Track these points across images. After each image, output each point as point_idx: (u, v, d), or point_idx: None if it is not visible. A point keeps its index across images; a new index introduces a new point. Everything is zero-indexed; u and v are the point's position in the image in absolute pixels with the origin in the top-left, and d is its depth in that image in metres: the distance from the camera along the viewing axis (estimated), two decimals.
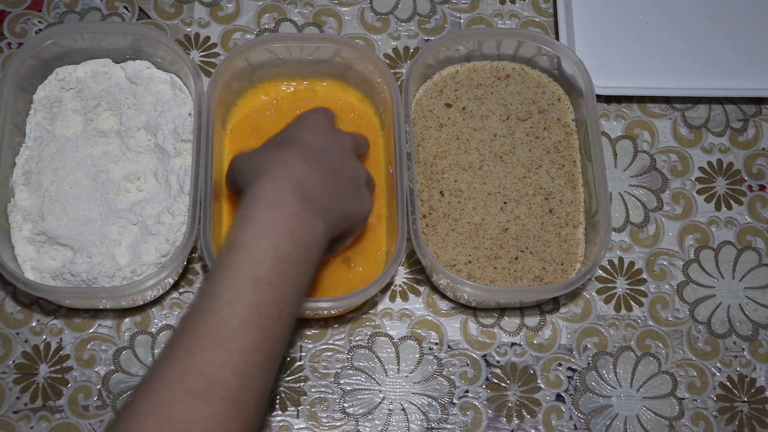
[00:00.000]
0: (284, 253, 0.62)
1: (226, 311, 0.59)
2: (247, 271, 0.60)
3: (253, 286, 0.60)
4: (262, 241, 0.61)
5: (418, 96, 0.86)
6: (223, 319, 0.58)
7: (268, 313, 0.60)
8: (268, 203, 0.63)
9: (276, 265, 0.61)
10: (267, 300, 0.60)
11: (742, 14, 0.92)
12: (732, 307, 0.83)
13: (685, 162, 0.88)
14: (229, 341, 0.58)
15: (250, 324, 0.59)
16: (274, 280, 0.61)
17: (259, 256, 0.61)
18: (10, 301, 0.80)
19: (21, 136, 0.80)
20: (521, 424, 0.78)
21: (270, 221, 0.62)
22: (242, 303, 0.59)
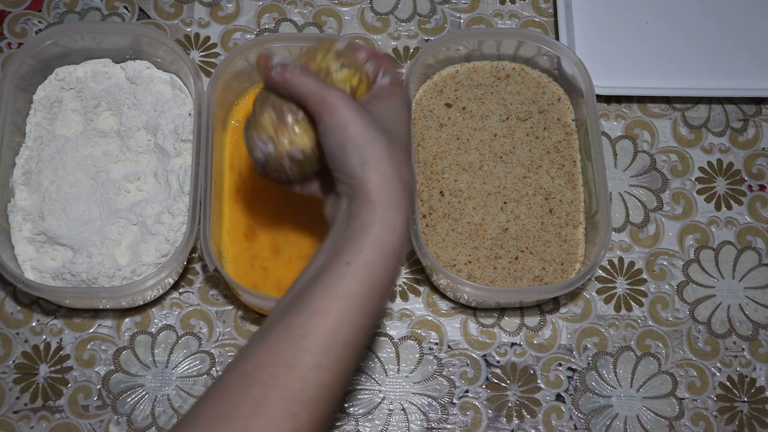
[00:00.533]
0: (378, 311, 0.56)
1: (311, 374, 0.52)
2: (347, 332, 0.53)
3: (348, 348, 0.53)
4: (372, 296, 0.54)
5: (418, 96, 0.86)
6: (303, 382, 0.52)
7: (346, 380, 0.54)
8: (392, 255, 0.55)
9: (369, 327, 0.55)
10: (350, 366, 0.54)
11: (742, 14, 0.93)
12: (732, 307, 0.83)
13: (685, 162, 0.88)
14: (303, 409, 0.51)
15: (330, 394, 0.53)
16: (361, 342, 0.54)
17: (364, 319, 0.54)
18: (10, 301, 0.80)
19: (21, 136, 0.80)
20: (521, 424, 0.78)
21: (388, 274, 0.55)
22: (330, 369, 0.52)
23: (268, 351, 0.53)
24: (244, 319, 0.80)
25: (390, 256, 0.56)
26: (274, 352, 0.53)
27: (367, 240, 0.55)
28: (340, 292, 0.54)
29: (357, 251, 0.55)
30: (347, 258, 0.55)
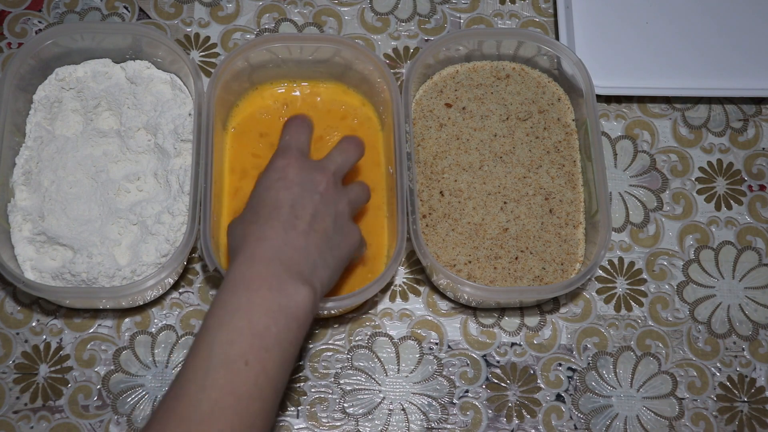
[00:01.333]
0: (261, 329, 0.58)
1: (197, 396, 0.55)
2: (218, 351, 0.57)
3: (225, 366, 0.56)
4: (234, 319, 0.58)
5: (418, 96, 0.86)
6: (193, 405, 0.55)
7: (246, 394, 0.56)
8: (240, 285, 0.60)
9: (252, 341, 0.58)
10: (243, 380, 0.56)
11: (742, 14, 0.92)
12: (732, 307, 0.83)
13: (685, 162, 0.88)
14: (198, 427, 0.54)
15: (224, 407, 0.55)
16: (251, 358, 0.57)
17: (232, 334, 0.58)
18: (10, 301, 0.80)
19: (21, 136, 0.80)
20: (521, 424, 0.78)
21: (242, 301, 0.59)
22: (213, 386, 0.56)
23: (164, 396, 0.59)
24: None
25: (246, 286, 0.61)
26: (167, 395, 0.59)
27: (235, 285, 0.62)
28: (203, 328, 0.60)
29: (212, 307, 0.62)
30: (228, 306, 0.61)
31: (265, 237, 0.63)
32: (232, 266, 0.62)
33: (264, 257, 0.62)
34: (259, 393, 0.57)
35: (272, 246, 0.62)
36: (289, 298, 0.61)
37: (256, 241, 0.63)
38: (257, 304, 0.59)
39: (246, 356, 0.57)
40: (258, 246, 0.62)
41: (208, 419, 0.55)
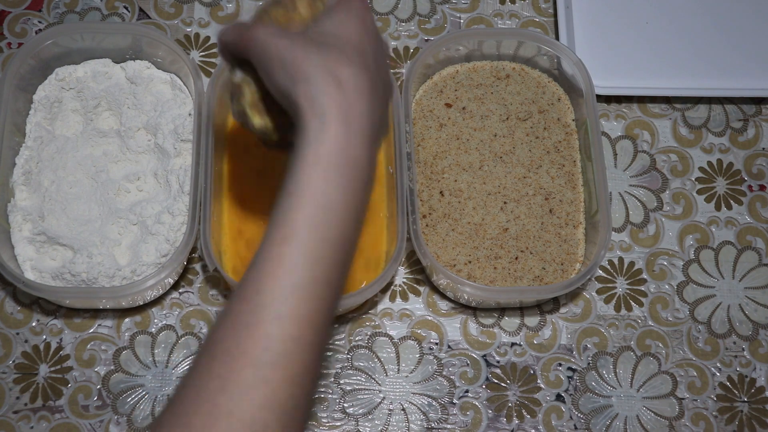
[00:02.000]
0: (349, 239, 0.50)
1: (272, 329, 0.47)
2: (304, 269, 0.48)
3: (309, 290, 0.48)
4: (328, 227, 0.49)
5: (418, 96, 0.86)
6: (265, 341, 0.47)
7: (323, 325, 0.48)
8: (342, 171, 0.50)
9: (338, 257, 0.49)
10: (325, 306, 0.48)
11: (742, 14, 0.92)
12: (732, 307, 0.83)
13: (685, 162, 0.88)
14: (273, 372, 0.46)
15: (300, 344, 0.47)
16: (334, 277, 0.49)
17: (323, 249, 0.48)
18: (10, 301, 0.80)
19: (21, 136, 0.80)
20: (521, 424, 0.78)
21: (339, 195, 0.49)
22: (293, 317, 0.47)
23: (229, 319, 0.48)
24: None
25: (335, 167, 0.50)
26: (234, 318, 0.48)
27: (304, 162, 0.50)
28: (286, 230, 0.49)
29: (295, 179, 0.50)
30: (288, 189, 0.50)
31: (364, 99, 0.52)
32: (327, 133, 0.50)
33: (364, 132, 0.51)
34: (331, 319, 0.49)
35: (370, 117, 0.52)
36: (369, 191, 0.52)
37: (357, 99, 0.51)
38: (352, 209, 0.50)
39: (330, 275, 0.49)
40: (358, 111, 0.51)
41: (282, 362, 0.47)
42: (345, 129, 0.50)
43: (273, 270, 0.48)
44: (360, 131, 0.51)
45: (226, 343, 0.47)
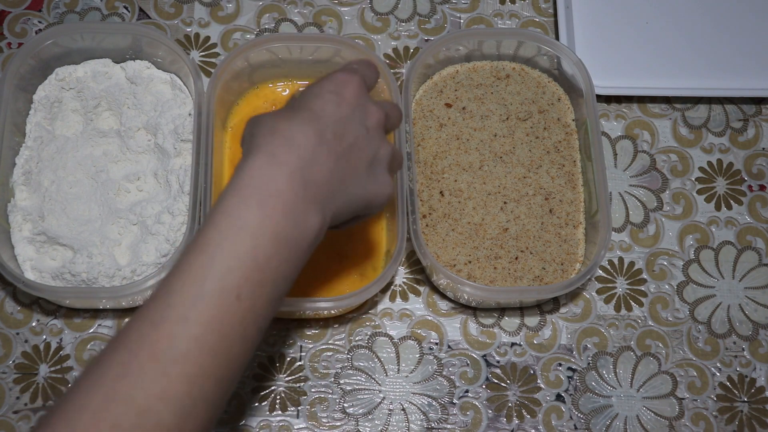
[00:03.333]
0: (263, 258, 0.52)
1: (177, 329, 0.49)
2: (212, 278, 0.50)
3: (216, 298, 0.50)
4: (237, 239, 0.51)
5: (418, 96, 0.86)
6: (169, 338, 0.49)
7: (230, 333, 0.50)
8: (254, 194, 0.52)
9: (251, 273, 0.51)
10: (231, 317, 0.50)
11: (742, 14, 0.92)
12: (732, 307, 0.83)
13: (685, 162, 0.88)
14: (173, 366, 0.48)
15: (203, 347, 0.49)
16: (245, 293, 0.51)
17: (231, 260, 0.51)
18: (10, 301, 0.80)
19: (21, 136, 0.80)
20: (521, 424, 0.78)
21: (252, 217, 0.52)
22: (198, 320, 0.49)
23: (138, 314, 0.51)
24: None
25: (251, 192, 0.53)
26: (142, 314, 0.50)
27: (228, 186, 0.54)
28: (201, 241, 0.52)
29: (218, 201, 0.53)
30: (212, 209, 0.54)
31: (296, 142, 0.55)
32: (249, 161, 0.54)
33: (289, 165, 0.54)
34: (242, 333, 0.51)
35: (300, 155, 0.54)
36: (300, 227, 0.54)
37: (285, 141, 0.55)
38: (267, 228, 0.52)
39: (240, 290, 0.51)
40: (285, 148, 0.54)
41: (183, 360, 0.48)
42: (268, 159, 0.54)
43: (184, 276, 0.51)
44: (287, 167, 0.54)
45: (132, 336, 0.49)
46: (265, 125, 0.56)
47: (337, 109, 0.58)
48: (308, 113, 0.57)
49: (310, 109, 0.58)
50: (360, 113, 0.60)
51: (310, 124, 0.56)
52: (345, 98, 0.59)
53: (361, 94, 0.61)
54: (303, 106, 0.58)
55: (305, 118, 0.57)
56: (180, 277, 0.51)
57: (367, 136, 0.60)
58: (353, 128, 0.59)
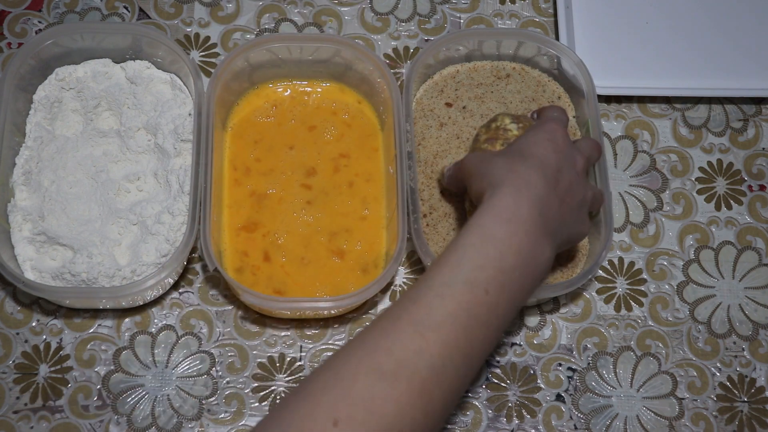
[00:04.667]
0: (508, 266, 0.60)
1: (434, 302, 0.57)
2: (466, 270, 0.59)
3: (468, 286, 0.58)
4: (487, 246, 0.60)
5: (419, 95, 0.86)
6: (427, 309, 0.57)
7: (478, 317, 0.58)
8: (503, 215, 0.61)
9: (497, 274, 0.59)
10: (479, 305, 0.58)
11: (742, 14, 0.93)
12: (732, 307, 0.83)
13: (685, 162, 0.88)
14: (429, 332, 0.56)
15: (455, 321, 0.57)
16: (492, 289, 0.59)
17: (482, 260, 0.59)
18: (10, 301, 0.80)
19: (21, 136, 0.80)
20: (521, 424, 0.78)
21: (501, 231, 0.61)
22: (452, 299, 0.57)
23: (400, 297, 0.60)
24: (244, 319, 0.80)
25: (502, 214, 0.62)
26: (405, 295, 0.59)
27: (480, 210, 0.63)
28: (460, 242, 0.61)
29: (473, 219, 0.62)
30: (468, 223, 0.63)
31: (533, 182, 0.63)
32: (497, 193, 0.63)
33: (530, 199, 0.62)
34: (488, 321, 0.58)
35: (537, 193, 0.63)
36: (538, 251, 0.62)
37: (525, 182, 0.63)
38: (513, 243, 0.60)
39: (488, 285, 0.59)
40: (526, 187, 0.63)
41: (438, 328, 0.56)
42: (514, 191, 0.63)
43: (442, 266, 0.60)
44: (528, 200, 0.62)
45: (394, 310, 0.58)
46: (503, 166, 0.65)
47: (555, 156, 0.67)
48: (535, 159, 0.66)
49: (535, 156, 0.66)
50: (570, 159, 0.69)
51: (540, 169, 0.65)
52: (559, 146, 0.68)
53: (568, 141, 0.70)
54: (528, 152, 0.67)
55: (535, 163, 0.65)
56: (438, 268, 0.60)
57: (578, 180, 0.69)
58: (568, 173, 0.67)
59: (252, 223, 0.80)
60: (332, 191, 0.82)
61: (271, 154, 0.83)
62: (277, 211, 0.81)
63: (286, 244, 0.79)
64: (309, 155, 0.83)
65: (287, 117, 0.84)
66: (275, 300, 0.76)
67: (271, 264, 0.79)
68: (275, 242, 0.79)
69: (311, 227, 0.80)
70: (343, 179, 0.82)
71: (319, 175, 0.82)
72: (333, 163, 0.83)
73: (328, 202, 0.81)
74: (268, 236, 0.80)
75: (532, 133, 0.69)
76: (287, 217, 0.80)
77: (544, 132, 0.69)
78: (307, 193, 0.81)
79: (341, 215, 0.81)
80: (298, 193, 0.81)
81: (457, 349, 0.57)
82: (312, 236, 0.80)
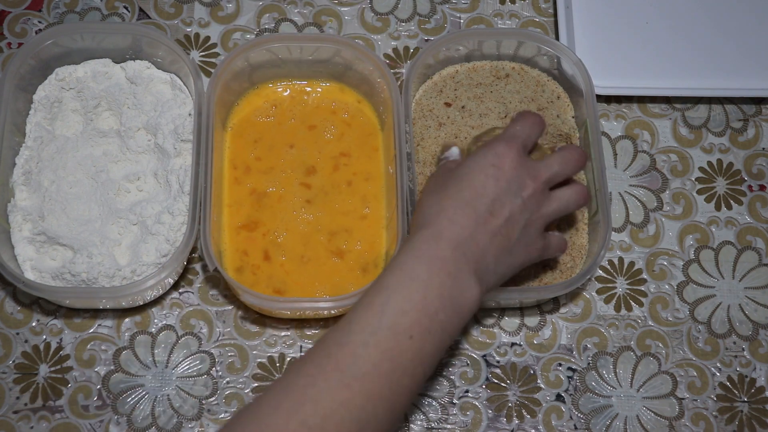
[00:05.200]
0: (431, 310, 0.60)
1: (359, 351, 0.57)
2: (389, 315, 0.59)
3: (392, 333, 0.58)
4: (410, 290, 0.60)
5: (418, 96, 0.86)
6: (353, 358, 0.57)
7: (401, 366, 0.58)
8: (424, 256, 0.62)
9: (420, 318, 0.59)
10: (403, 352, 0.58)
11: (742, 14, 0.92)
12: (732, 307, 0.83)
13: (685, 162, 0.88)
14: (354, 382, 0.56)
15: (380, 372, 0.57)
16: (416, 334, 0.59)
17: (405, 305, 0.59)
18: (10, 301, 0.80)
19: (21, 136, 0.80)
20: (521, 424, 0.78)
21: (422, 274, 0.61)
22: (377, 347, 0.57)
23: (323, 339, 0.60)
24: (244, 319, 0.80)
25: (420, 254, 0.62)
26: (329, 337, 0.60)
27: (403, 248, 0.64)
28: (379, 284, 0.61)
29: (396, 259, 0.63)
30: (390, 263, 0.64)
31: (457, 222, 0.64)
32: (419, 235, 0.63)
33: (452, 241, 0.63)
34: (412, 370, 0.59)
35: (461, 234, 0.63)
36: (462, 291, 0.62)
37: (449, 221, 0.64)
38: (435, 285, 0.60)
39: (412, 331, 0.59)
40: (448, 228, 0.63)
41: (363, 378, 0.56)
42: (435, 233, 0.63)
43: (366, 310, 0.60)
44: (449, 242, 0.63)
45: (319, 353, 0.58)
46: (433, 203, 0.66)
47: (496, 185, 0.66)
48: (470, 192, 0.65)
49: (471, 187, 0.66)
50: (516, 185, 0.67)
51: (471, 205, 0.65)
52: (504, 172, 0.66)
53: (519, 165, 0.67)
54: (465, 182, 0.66)
55: (467, 198, 0.65)
56: (362, 312, 0.60)
57: (521, 207, 0.67)
58: (509, 202, 0.66)
59: (252, 222, 0.80)
60: (332, 190, 0.82)
61: (271, 152, 0.83)
62: (277, 209, 0.81)
63: (286, 243, 0.79)
64: (309, 154, 0.83)
65: (287, 116, 0.84)
66: (275, 300, 0.76)
67: (271, 263, 0.79)
68: (275, 241, 0.79)
69: (311, 225, 0.80)
70: (342, 178, 0.82)
71: (319, 174, 0.82)
72: (333, 161, 0.83)
73: (328, 201, 0.81)
74: (268, 235, 0.80)
75: (478, 157, 0.68)
76: (287, 216, 0.80)
77: (491, 155, 0.67)
78: (306, 191, 0.82)
79: (341, 214, 0.81)
80: (297, 191, 0.81)
81: (380, 400, 0.57)
82: (312, 235, 0.80)
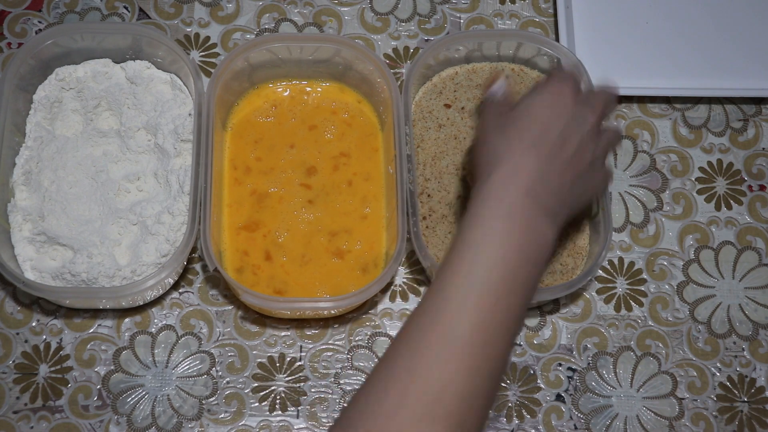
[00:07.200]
0: (513, 266, 0.59)
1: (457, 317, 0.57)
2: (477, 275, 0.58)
3: (479, 299, 0.58)
4: (493, 243, 0.59)
5: (418, 97, 0.86)
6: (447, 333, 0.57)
7: (493, 331, 0.58)
8: (502, 208, 0.61)
9: (504, 274, 0.59)
10: (492, 317, 0.58)
11: (742, 14, 0.92)
12: (732, 307, 0.83)
13: (685, 162, 0.88)
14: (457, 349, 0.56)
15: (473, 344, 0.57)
16: (502, 292, 0.58)
17: (491, 260, 0.59)
18: (10, 301, 0.80)
19: (21, 136, 0.80)
20: (521, 424, 0.78)
21: (501, 227, 0.60)
22: (468, 321, 0.57)
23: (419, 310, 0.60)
24: (244, 319, 0.80)
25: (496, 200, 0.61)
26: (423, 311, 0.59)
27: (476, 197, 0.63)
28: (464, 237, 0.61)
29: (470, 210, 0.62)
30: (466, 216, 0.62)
31: (528, 162, 0.63)
32: (491, 180, 0.62)
33: (524, 185, 0.62)
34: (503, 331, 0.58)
35: (532, 177, 0.62)
36: (541, 240, 0.61)
37: (515, 164, 0.63)
38: (514, 239, 0.60)
39: (498, 290, 0.58)
40: (518, 170, 0.62)
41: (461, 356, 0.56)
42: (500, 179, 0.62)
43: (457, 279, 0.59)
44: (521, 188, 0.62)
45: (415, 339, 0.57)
46: (500, 143, 0.64)
47: (561, 120, 0.65)
48: (537, 128, 0.64)
49: (537, 123, 0.65)
50: (580, 118, 0.66)
51: (540, 141, 0.64)
52: (567, 106, 0.66)
53: (576, 101, 0.67)
54: (531, 119, 0.65)
55: (535, 136, 0.64)
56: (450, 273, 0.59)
57: (588, 137, 0.66)
58: (574, 137, 0.65)
59: (252, 223, 0.80)
60: (332, 190, 0.82)
61: (272, 153, 0.83)
62: (277, 210, 0.81)
63: (286, 243, 0.79)
64: (309, 154, 0.83)
65: (287, 117, 0.84)
66: (275, 300, 0.76)
67: (272, 263, 0.79)
68: (275, 241, 0.79)
69: (312, 225, 0.80)
70: (342, 178, 0.82)
71: (319, 174, 0.82)
72: (333, 161, 0.83)
73: (329, 202, 0.81)
74: (269, 235, 0.80)
75: (537, 94, 0.67)
76: (288, 216, 0.80)
77: (549, 94, 0.67)
78: (307, 192, 0.82)
79: (342, 214, 0.81)
80: (298, 192, 0.81)
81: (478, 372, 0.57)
82: (312, 235, 0.80)
